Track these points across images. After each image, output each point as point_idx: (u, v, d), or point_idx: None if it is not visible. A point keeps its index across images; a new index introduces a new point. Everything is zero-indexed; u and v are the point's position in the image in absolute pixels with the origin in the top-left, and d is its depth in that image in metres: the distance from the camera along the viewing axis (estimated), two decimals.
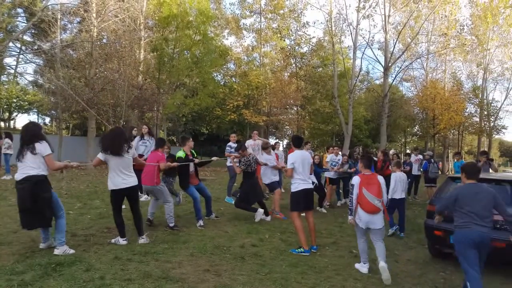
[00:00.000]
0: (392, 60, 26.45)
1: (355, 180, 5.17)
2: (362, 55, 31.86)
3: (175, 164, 6.83)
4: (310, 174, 6.34)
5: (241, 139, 11.40)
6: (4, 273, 4.07)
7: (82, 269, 4.39)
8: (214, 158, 8.73)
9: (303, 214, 6.09)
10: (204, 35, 21.60)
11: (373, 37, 39.71)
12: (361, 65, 32.22)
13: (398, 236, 7.29)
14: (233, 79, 32.29)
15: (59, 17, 22.40)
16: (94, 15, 19.76)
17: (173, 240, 5.88)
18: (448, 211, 4.58)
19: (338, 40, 27.21)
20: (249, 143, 10.40)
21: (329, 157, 10.23)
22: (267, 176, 8.74)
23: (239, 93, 28.56)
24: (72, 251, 4.94)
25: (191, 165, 7.26)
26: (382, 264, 4.86)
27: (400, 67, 28.54)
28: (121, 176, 5.38)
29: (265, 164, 8.59)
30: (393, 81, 28.41)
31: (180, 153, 7.07)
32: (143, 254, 5.06)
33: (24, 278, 3.97)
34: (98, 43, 20.49)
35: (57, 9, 22.47)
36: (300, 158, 5.93)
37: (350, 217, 5.21)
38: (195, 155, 7.61)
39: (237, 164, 7.96)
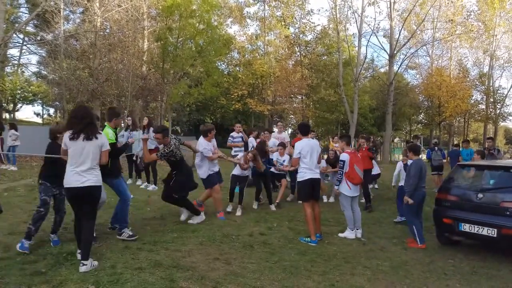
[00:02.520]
0: (398, 47, 26.25)
1: (345, 156, 6.08)
2: (367, 42, 31.70)
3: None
4: (318, 163, 6.29)
5: (246, 128, 11.25)
6: (17, 263, 4.11)
7: (92, 258, 4.42)
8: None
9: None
10: (208, 24, 21.43)
11: (378, 24, 39.46)
12: (366, 53, 32.18)
13: (405, 224, 7.27)
14: (237, 68, 32.17)
15: (62, 7, 22.32)
16: (97, 4, 19.67)
17: (182, 229, 5.90)
18: None
19: (343, 28, 26.98)
20: (273, 136, 10.07)
21: (275, 156, 8.88)
22: (203, 169, 6.84)
23: (244, 82, 28.46)
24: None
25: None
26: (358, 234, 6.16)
27: (406, 55, 28.35)
28: (77, 171, 4.16)
29: (196, 151, 6.89)
30: (398, 68, 28.17)
31: (108, 132, 5.17)
32: (152, 243, 5.08)
33: (36, 267, 4.01)
34: (102, 33, 20.41)
35: None
36: (307, 147, 5.85)
37: (336, 187, 6.25)
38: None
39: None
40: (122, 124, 9.72)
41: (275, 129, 10.93)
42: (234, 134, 9.94)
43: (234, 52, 32.34)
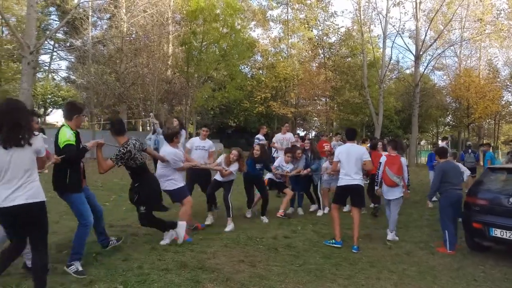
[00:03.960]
0: (424, 48, 25.71)
1: (382, 159, 6.39)
2: (392, 44, 31.39)
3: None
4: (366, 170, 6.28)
5: (269, 131, 11.18)
6: (49, 261, 4.24)
7: (120, 258, 4.53)
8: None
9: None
10: (232, 27, 21.63)
11: (403, 25, 38.79)
12: (391, 54, 31.67)
13: (432, 228, 7.12)
14: (261, 71, 32.22)
15: (90, 14, 22.98)
16: (124, 10, 20.14)
17: (207, 231, 5.97)
18: None
19: (367, 29, 26.63)
20: (278, 137, 10.06)
21: (276, 162, 7.95)
22: (171, 180, 5.54)
23: (267, 85, 28.49)
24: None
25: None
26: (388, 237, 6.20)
27: (432, 56, 27.71)
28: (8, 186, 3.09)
29: (165, 161, 5.51)
30: (424, 70, 27.57)
31: (66, 132, 4.08)
32: (178, 245, 5.15)
33: None
34: (128, 38, 20.87)
35: (88, 6, 23.04)
36: (346, 152, 5.82)
37: (376, 187, 6.58)
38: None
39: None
40: (149, 127, 9.82)
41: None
42: (259, 136, 10.00)
43: (257, 55, 32.44)
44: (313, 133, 36.83)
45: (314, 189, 8.27)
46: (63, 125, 4.22)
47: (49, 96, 33.41)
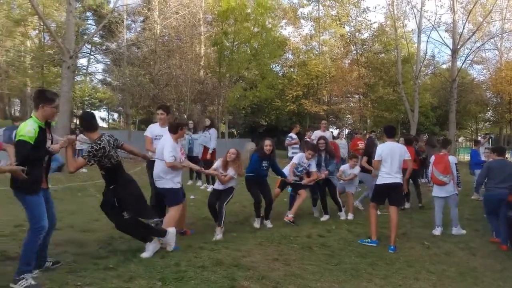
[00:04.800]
0: (461, 42, 24.81)
1: (432, 158, 6.63)
2: (428, 38, 30.52)
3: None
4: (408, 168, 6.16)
5: (301, 129, 11.04)
6: (91, 257, 4.41)
7: (158, 255, 4.62)
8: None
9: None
10: (263, 26, 21.68)
11: (439, 19, 37.49)
12: (426, 49, 30.77)
13: (472, 228, 6.89)
14: (292, 69, 32.10)
15: (124, 18, 23.63)
16: (157, 13, 20.56)
17: (241, 230, 6.01)
18: None
19: (401, 24, 26.03)
20: (317, 134, 9.61)
21: (296, 158, 7.12)
22: (168, 179, 5.04)
23: (298, 83, 28.35)
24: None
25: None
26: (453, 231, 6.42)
27: (471, 49, 26.68)
28: None
29: (147, 157, 5.33)
30: (462, 64, 26.59)
31: (27, 125, 3.59)
32: (214, 242, 5.23)
33: (108, 262, 4.26)
34: (161, 40, 21.31)
35: (123, 10, 23.72)
36: (388, 150, 5.74)
37: (429, 184, 6.97)
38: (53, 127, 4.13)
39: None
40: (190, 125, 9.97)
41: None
42: (292, 134, 9.99)
43: (289, 53, 32.35)
44: (347, 131, 36.31)
45: (332, 193, 7.38)
46: (31, 117, 3.72)
47: (87, 98, 34.70)
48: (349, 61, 30.80)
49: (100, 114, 46.82)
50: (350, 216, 7.36)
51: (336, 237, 5.98)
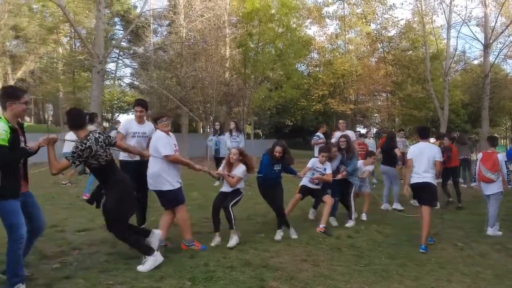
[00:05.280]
0: (494, 36, 23.97)
1: (479, 155, 6.70)
2: (458, 33, 29.61)
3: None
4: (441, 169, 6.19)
5: (328, 129, 10.81)
6: (123, 257, 4.52)
7: (187, 256, 4.70)
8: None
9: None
10: (287, 27, 21.61)
11: (470, 13, 36.26)
12: (456, 45, 29.92)
13: (509, 229, 6.65)
14: (318, 68, 31.87)
15: (151, 22, 24.08)
16: (182, 16, 20.83)
17: (269, 230, 6.00)
18: None
19: (429, 20, 25.38)
20: (337, 135, 9.46)
21: (310, 163, 6.69)
22: (169, 177, 4.76)
23: (324, 83, 28.10)
24: None
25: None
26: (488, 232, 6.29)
27: (504, 43, 25.75)
28: None
29: (145, 155, 4.86)
30: (495, 59, 25.67)
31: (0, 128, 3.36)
32: (242, 243, 5.25)
33: (139, 262, 4.32)
34: (187, 43, 21.58)
35: (149, 15, 24.19)
36: (418, 150, 5.83)
37: (474, 184, 6.93)
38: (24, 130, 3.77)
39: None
40: (209, 129, 10.09)
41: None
42: (320, 134, 9.92)
43: (314, 52, 32.12)
44: (374, 130, 35.75)
45: (346, 196, 7.01)
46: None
47: (116, 102, 35.49)
48: (375, 59, 30.32)
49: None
50: (364, 217, 7.12)
51: (365, 238, 5.91)
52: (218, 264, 4.41)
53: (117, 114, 39.16)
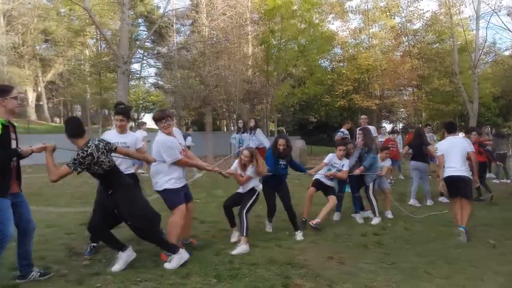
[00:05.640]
0: None
1: None
2: (487, 24, 28.63)
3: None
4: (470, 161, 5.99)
5: (352, 125, 10.58)
6: (150, 254, 4.61)
7: (212, 253, 4.74)
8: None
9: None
10: (309, 22, 21.44)
11: (500, 2, 34.88)
12: (486, 36, 28.80)
13: None
14: (341, 64, 31.48)
15: (174, 22, 24.32)
16: (205, 15, 20.94)
17: (293, 228, 5.97)
18: None
19: (457, 11, 24.65)
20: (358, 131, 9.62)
21: (327, 158, 6.54)
22: (168, 178, 4.60)
23: (348, 78, 27.75)
24: None
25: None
26: None
27: None
28: None
29: (149, 160, 4.74)
30: None
31: None
32: (266, 240, 5.25)
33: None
34: (210, 42, 21.69)
35: (172, 15, 24.44)
36: (448, 145, 5.90)
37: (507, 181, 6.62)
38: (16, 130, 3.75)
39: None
40: (233, 127, 10.16)
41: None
42: (344, 130, 9.81)
43: (337, 48, 31.73)
44: (401, 125, 35.06)
45: (366, 191, 6.88)
46: None
47: (141, 102, 36.12)
48: (400, 53, 29.71)
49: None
50: (390, 215, 6.95)
51: (392, 235, 5.80)
52: (243, 262, 4.42)
53: (142, 114, 39.87)
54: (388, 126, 22.19)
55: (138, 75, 35.34)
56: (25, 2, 26.29)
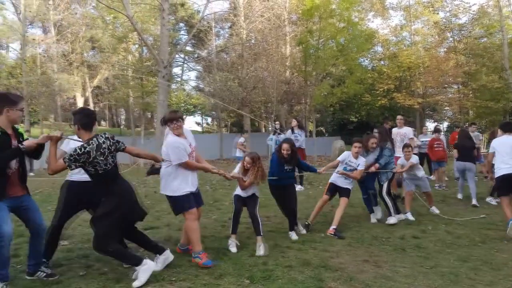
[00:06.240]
0: None
1: None
2: None
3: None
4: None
5: (394, 125, 10.27)
6: (185, 255, 4.70)
7: (246, 254, 4.77)
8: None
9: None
10: (349, 21, 21.10)
11: None
12: None
13: None
14: (382, 62, 30.74)
15: (213, 25, 24.73)
16: (243, 18, 21.16)
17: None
18: None
19: (507, 3, 23.42)
20: (393, 132, 9.03)
21: (342, 155, 6.35)
22: (175, 182, 4.44)
23: (389, 76, 27.06)
24: None
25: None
26: None
27: None
28: None
29: (158, 160, 4.51)
30: None
31: None
32: (301, 242, 5.22)
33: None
34: (248, 44, 21.89)
35: (211, 18, 24.86)
36: (501, 143, 6.00)
37: None
38: (24, 137, 3.84)
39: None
40: (271, 128, 10.18)
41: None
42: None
43: (378, 46, 31.02)
44: (445, 124, 33.72)
45: (379, 191, 6.73)
46: None
47: (182, 105, 36.92)
48: (445, 49, 28.56)
49: (195, 119, 49.58)
50: (435, 210, 7.09)
51: (433, 238, 5.59)
52: (277, 263, 4.42)
53: (184, 116, 40.82)
54: (431, 125, 21.36)
55: (179, 79, 36.23)
56: (73, 12, 27.64)
